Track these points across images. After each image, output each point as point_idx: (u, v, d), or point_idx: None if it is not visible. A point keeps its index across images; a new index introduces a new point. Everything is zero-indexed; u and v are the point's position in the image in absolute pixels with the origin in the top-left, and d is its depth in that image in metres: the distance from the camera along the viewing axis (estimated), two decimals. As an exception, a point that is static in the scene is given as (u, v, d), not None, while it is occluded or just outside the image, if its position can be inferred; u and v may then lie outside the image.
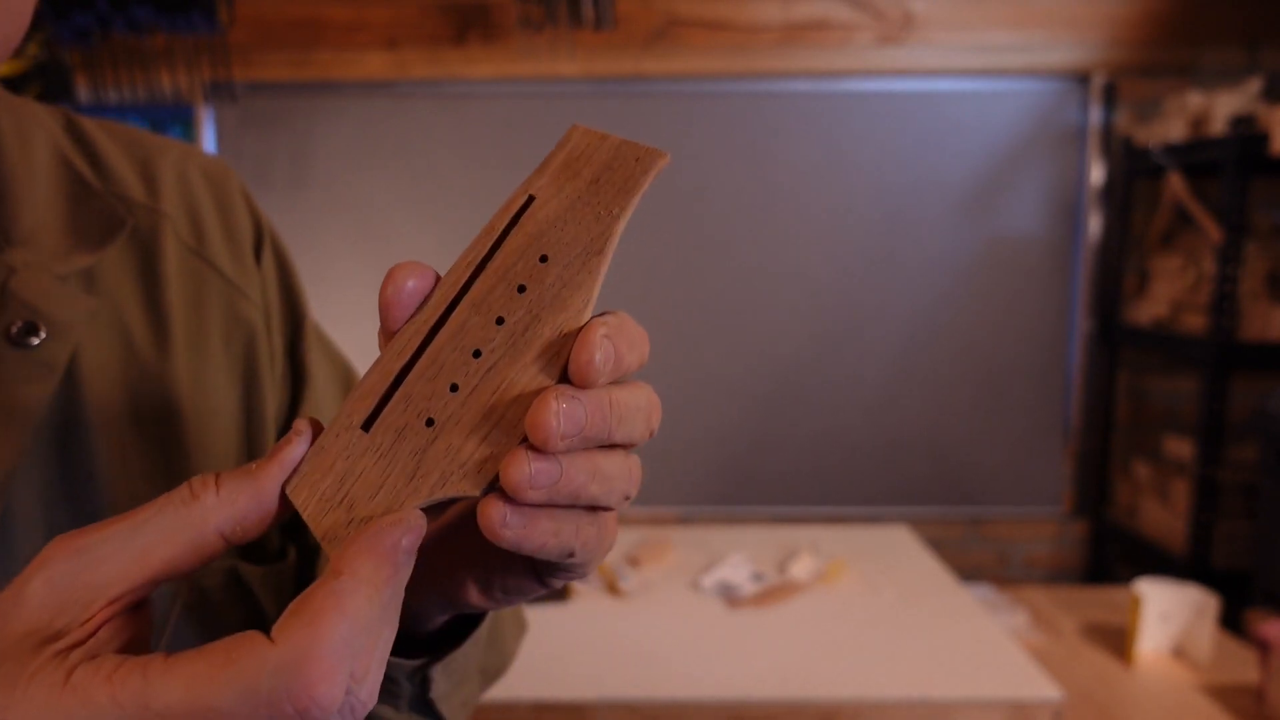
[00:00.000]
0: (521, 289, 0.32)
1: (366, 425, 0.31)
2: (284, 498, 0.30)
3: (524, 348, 0.31)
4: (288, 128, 2.40)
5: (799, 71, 2.38)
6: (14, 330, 0.41)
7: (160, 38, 2.17)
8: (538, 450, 0.29)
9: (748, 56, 2.37)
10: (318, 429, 0.31)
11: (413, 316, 0.32)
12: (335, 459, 0.31)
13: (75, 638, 0.27)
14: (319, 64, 2.36)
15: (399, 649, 0.42)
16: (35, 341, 0.41)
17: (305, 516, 0.30)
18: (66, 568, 0.27)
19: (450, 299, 0.33)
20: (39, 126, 0.48)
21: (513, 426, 0.30)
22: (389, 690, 0.44)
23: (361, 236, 2.44)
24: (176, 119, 2.43)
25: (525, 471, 0.28)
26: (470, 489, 0.30)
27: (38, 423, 0.41)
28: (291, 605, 0.26)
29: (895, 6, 2.36)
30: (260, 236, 0.55)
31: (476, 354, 0.31)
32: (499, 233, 0.34)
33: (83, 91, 2.25)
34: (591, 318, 0.32)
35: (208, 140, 2.39)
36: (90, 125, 0.51)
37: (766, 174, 2.42)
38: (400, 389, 0.31)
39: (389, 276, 0.32)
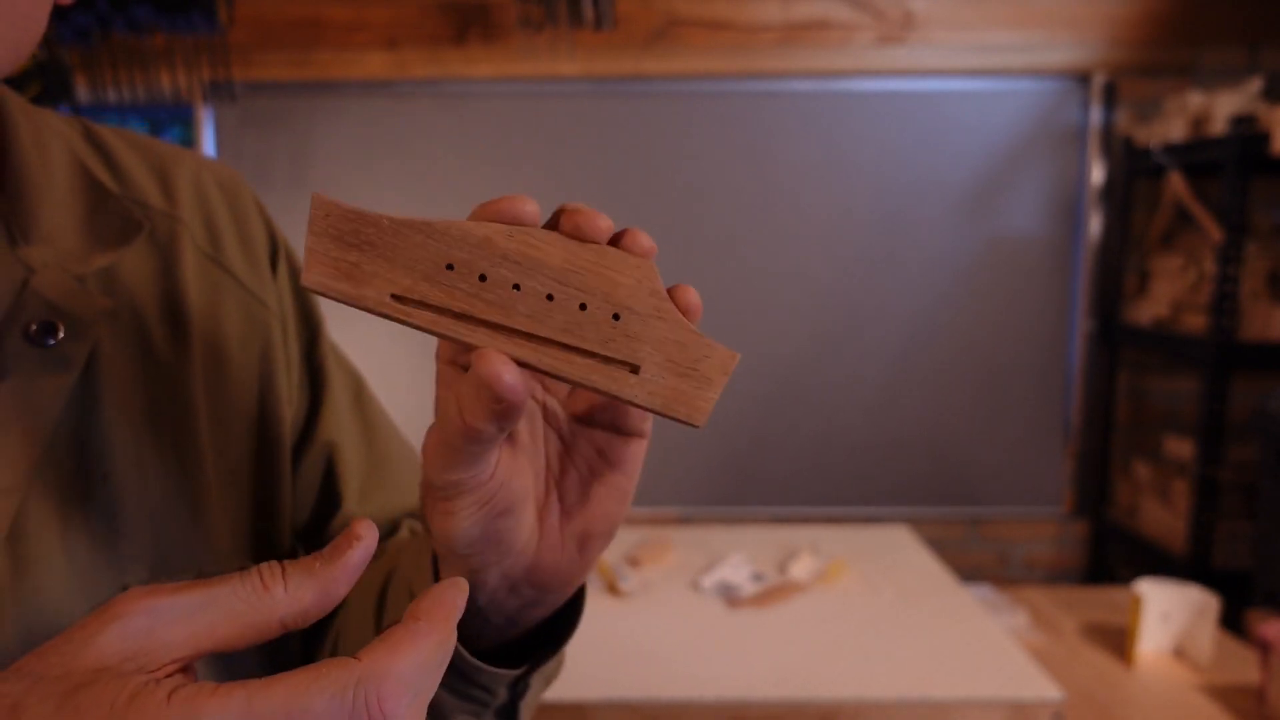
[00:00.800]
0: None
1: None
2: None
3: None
4: (288, 128, 2.40)
5: (799, 71, 2.38)
6: (33, 329, 0.42)
7: (160, 37, 2.17)
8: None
9: (748, 56, 2.37)
10: (372, 532, 0.33)
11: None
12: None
13: (152, 677, 0.29)
14: (319, 64, 2.36)
15: (486, 660, 0.45)
16: (53, 340, 0.42)
17: None
18: (140, 623, 0.29)
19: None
20: (56, 134, 0.49)
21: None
22: (476, 700, 0.46)
23: (361, 236, 2.43)
24: (176, 119, 2.43)
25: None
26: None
27: (57, 421, 0.42)
28: (378, 636, 0.30)
29: (895, 6, 2.36)
30: (275, 248, 0.56)
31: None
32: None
33: (82, 91, 2.25)
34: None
35: (207, 140, 2.39)
36: (107, 133, 0.52)
37: (766, 174, 2.42)
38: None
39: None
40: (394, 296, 0.32)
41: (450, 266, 0.32)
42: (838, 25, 2.37)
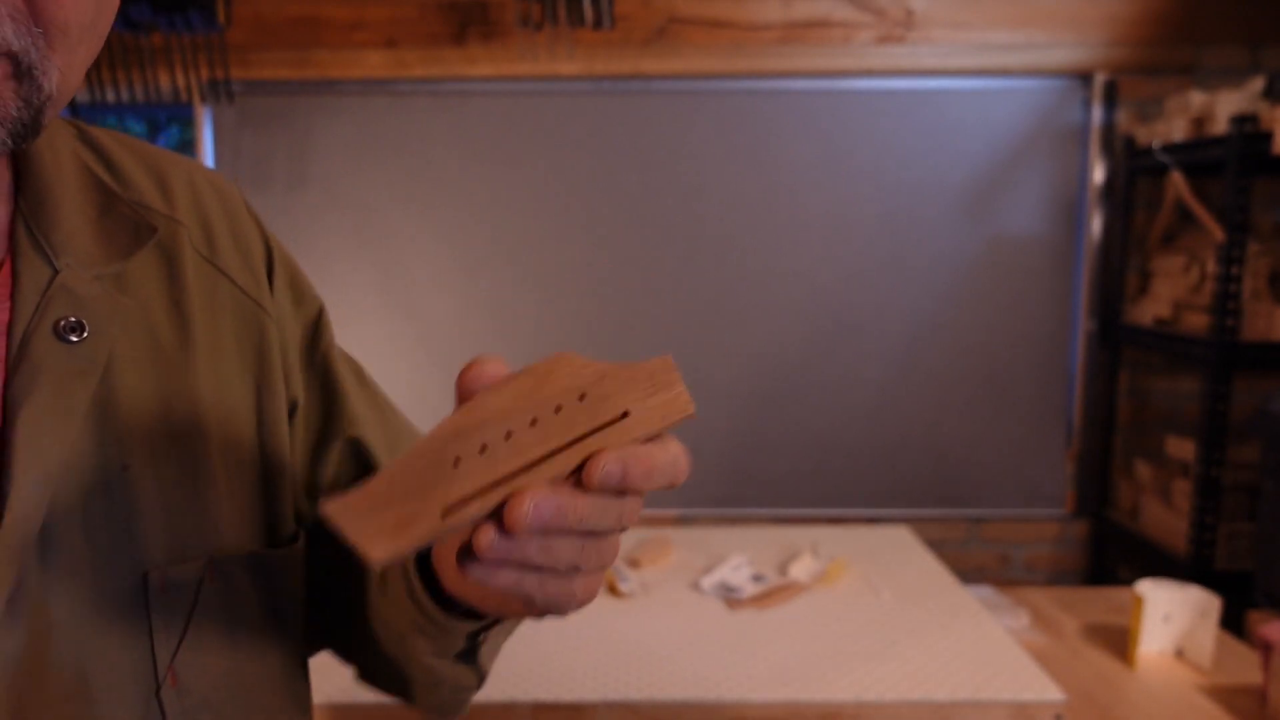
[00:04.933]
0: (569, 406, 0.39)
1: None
2: None
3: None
4: (286, 127, 2.40)
5: (799, 71, 2.37)
6: (61, 326, 0.44)
7: (158, 36, 2.17)
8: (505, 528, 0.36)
9: (748, 55, 2.36)
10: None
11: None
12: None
13: None
14: (317, 63, 2.35)
15: (461, 614, 0.51)
16: (77, 338, 0.44)
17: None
18: None
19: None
20: (61, 137, 0.50)
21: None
22: (438, 641, 0.52)
23: (360, 235, 2.43)
24: (174, 118, 2.42)
25: (489, 538, 0.36)
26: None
27: (84, 414, 0.44)
28: None
29: (896, 5, 2.35)
30: (270, 251, 0.58)
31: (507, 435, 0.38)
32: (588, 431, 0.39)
33: (80, 90, 2.24)
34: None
35: (206, 139, 2.38)
36: (102, 135, 0.54)
37: (767, 174, 2.42)
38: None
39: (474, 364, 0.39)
40: (443, 515, 0.36)
41: (456, 461, 0.36)
42: (838, 24, 2.37)
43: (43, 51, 0.39)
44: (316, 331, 0.60)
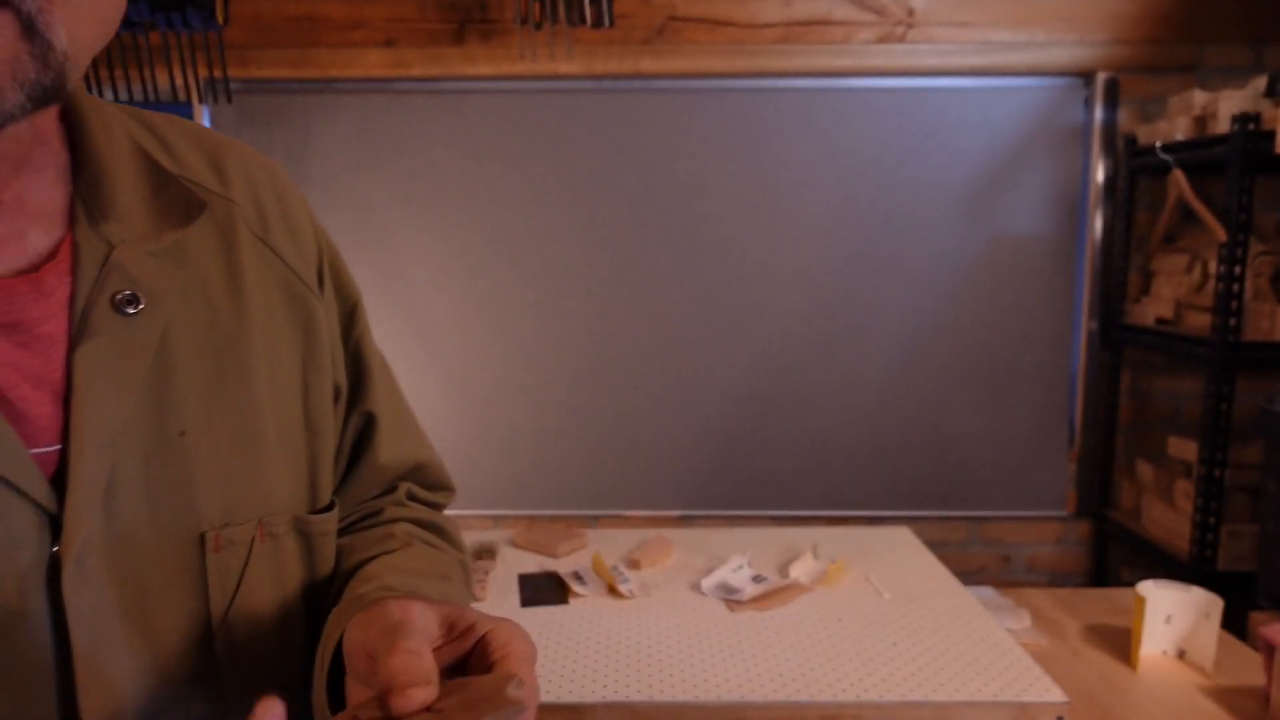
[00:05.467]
0: None
1: None
2: None
3: None
4: (285, 126, 2.39)
5: (800, 70, 2.36)
6: (118, 298, 0.47)
7: (156, 35, 2.16)
8: None
9: (748, 54, 2.36)
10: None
11: None
12: None
13: None
14: (316, 62, 2.35)
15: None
16: (134, 311, 0.47)
17: None
18: None
19: None
20: (117, 121, 0.53)
21: None
22: None
23: (359, 235, 2.43)
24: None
25: None
26: None
27: (142, 382, 0.48)
28: None
29: (897, 4, 2.35)
30: (319, 239, 0.62)
31: None
32: None
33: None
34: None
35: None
36: (159, 119, 0.57)
37: (767, 173, 2.41)
38: None
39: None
40: None
41: None
42: (839, 23, 2.36)
43: (39, 3, 0.39)
44: (352, 319, 0.64)
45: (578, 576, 1.59)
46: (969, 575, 2.47)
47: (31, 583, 0.44)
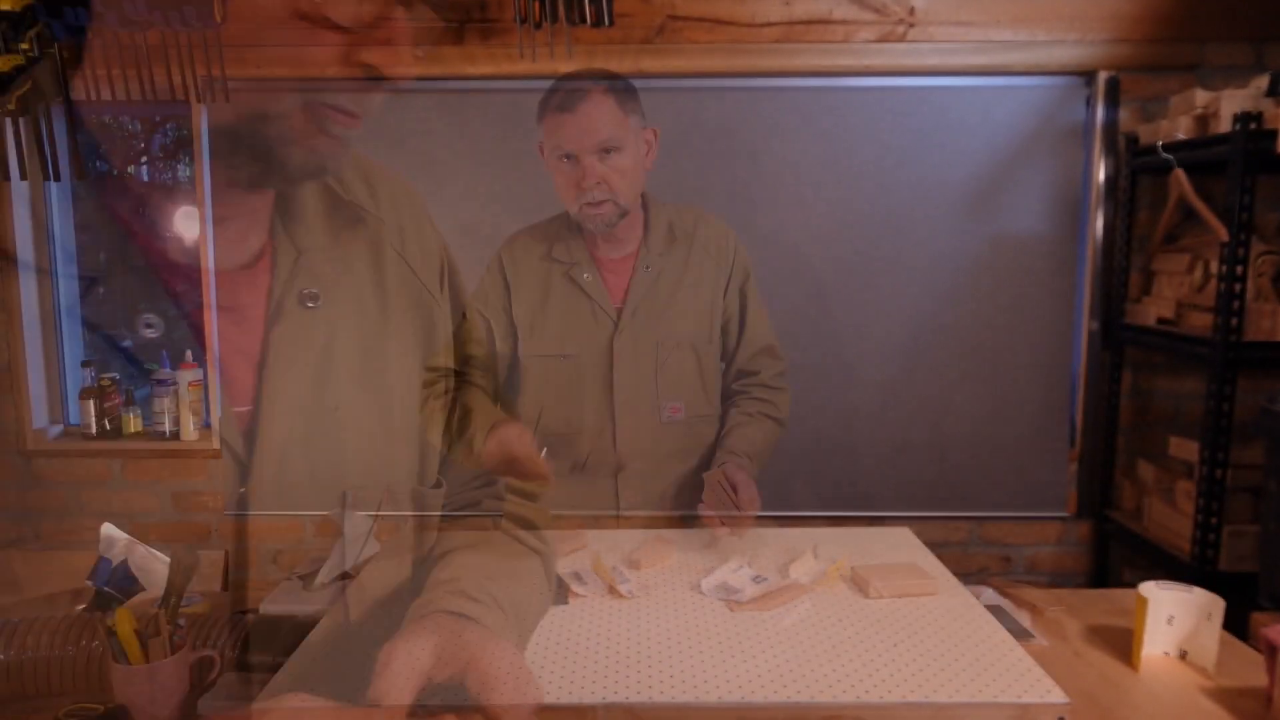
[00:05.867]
0: None
1: None
2: None
3: None
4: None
5: (800, 69, 2.36)
6: (303, 294, 0.60)
7: (154, 34, 2.15)
8: None
9: (748, 54, 2.35)
10: None
11: None
12: None
13: None
14: (315, 60, 2.34)
15: None
16: (314, 305, 0.60)
17: None
18: None
19: None
20: None
21: None
22: None
23: (359, 235, 2.42)
24: (170, 115, 2.41)
25: None
26: None
27: (313, 365, 0.59)
28: None
29: (897, 3, 2.34)
30: (445, 254, 0.77)
31: None
32: None
33: (77, 88, 2.23)
34: None
35: (203, 138, 2.37)
36: None
37: (767, 172, 2.41)
38: None
39: None
40: None
41: None
42: (839, 22, 2.35)
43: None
44: (461, 319, 0.77)
45: (578, 577, 1.59)
46: (969, 576, 2.46)
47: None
